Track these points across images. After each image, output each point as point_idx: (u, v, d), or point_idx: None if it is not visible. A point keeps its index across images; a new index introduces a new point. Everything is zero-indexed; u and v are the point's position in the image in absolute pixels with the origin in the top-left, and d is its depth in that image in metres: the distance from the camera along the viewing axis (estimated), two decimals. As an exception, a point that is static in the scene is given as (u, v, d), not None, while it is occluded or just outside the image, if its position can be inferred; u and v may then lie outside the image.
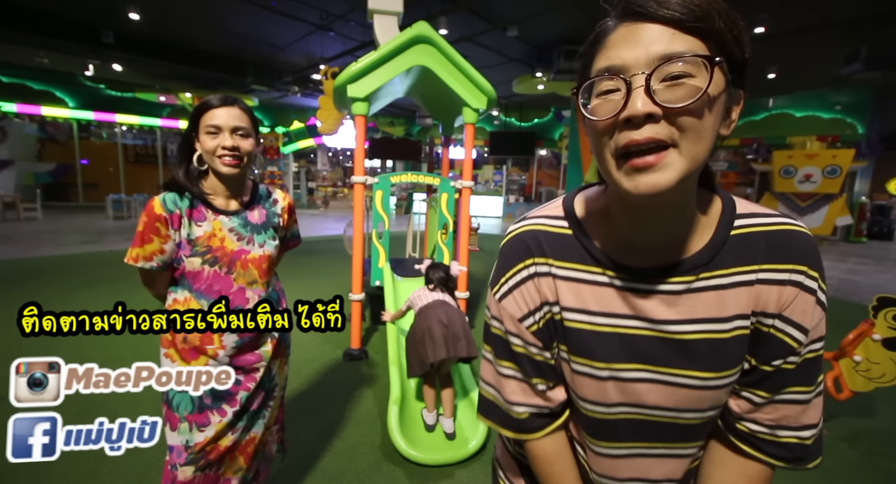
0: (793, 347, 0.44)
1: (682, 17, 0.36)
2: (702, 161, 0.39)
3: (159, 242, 1.02)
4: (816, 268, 0.44)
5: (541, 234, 0.51)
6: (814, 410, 0.46)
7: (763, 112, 12.17)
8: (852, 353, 1.98)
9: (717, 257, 0.44)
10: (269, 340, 1.15)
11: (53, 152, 11.99)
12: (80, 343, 3.14)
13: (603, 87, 0.39)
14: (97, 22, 7.54)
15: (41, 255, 5.67)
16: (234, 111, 1.04)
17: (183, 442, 1.06)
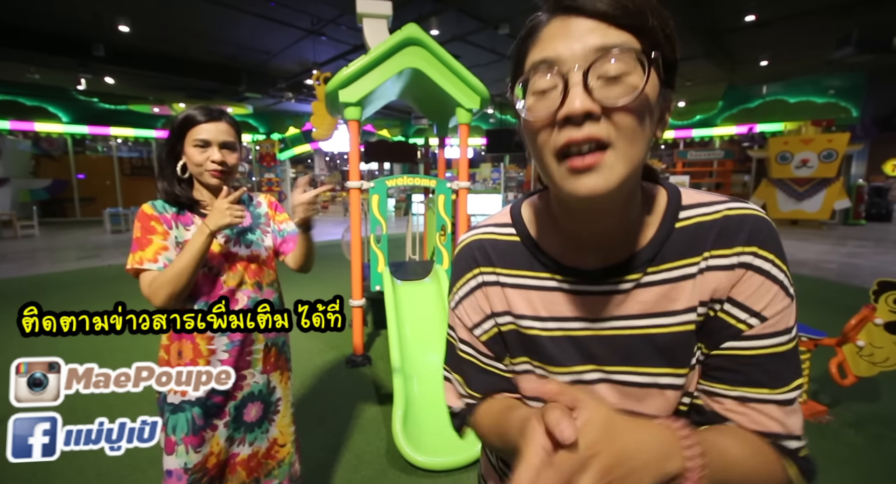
0: (738, 329, 0.41)
1: (615, 12, 0.36)
2: (639, 162, 0.39)
3: (160, 238, 1.01)
4: (770, 249, 0.41)
5: (487, 243, 0.51)
6: (794, 417, 0.42)
7: (757, 99, 12.16)
8: (855, 338, 1.98)
9: (662, 251, 0.43)
10: (262, 349, 1.14)
11: (49, 168, 11.97)
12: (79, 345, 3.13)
13: (539, 86, 0.38)
14: (87, 36, 7.52)
15: (39, 272, 5.66)
16: (221, 126, 1.05)
17: (181, 465, 1.06)
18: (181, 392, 1.03)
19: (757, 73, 10.14)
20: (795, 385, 0.42)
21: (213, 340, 1.06)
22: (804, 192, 11.06)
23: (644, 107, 0.37)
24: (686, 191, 0.46)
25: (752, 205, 0.43)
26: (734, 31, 7.20)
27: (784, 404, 0.41)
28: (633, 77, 0.36)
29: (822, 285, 4.88)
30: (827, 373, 2.09)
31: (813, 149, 10.69)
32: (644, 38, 0.37)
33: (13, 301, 4.39)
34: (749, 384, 0.41)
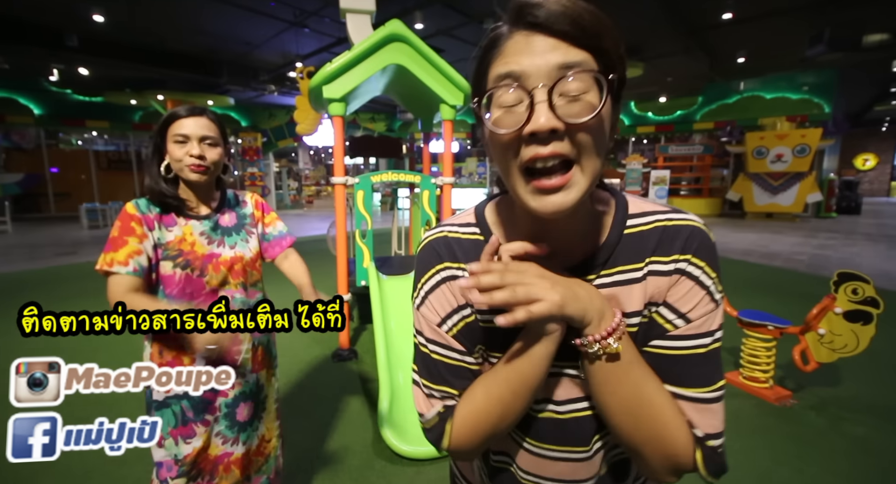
0: (664, 329, 0.45)
1: (574, 32, 0.38)
2: (598, 174, 0.42)
3: (136, 241, 1.00)
4: (702, 257, 0.45)
5: (452, 241, 0.52)
6: (712, 417, 0.44)
7: (735, 95, 12.44)
8: (817, 326, 2.10)
9: (613, 256, 0.47)
10: (250, 349, 1.16)
11: (20, 162, 11.53)
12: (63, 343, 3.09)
13: (504, 100, 0.40)
14: (60, 25, 7.24)
15: (14, 270, 5.50)
16: (201, 121, 1.05)
17: (172, 456, 1.08)
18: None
19: (735, 70, 10.37)
20: (714, 387, 0.44)
21: None
22: (779, 186, 11.41)
23: (601, 124, 0.40)
24: (633, 200, 0.49)
25: (691, 216, 0.47)
26: (712, 28, 7.35)
27: (698, 402, 0.44)
28: (591, 95, 0.38)
29: (793, 276, 5.09)
30: (792, 360, 2.22)
31: (787, 144, 11.02)
32: (600, 58, 0.39)
33: (-9, 298, 4.18)
34: (668, 381, 0.45)
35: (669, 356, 0.45)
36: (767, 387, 2.35)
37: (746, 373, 2.42)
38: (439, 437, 0.50)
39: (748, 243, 7.50)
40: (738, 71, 10.55)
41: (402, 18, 2.43)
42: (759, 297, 4.24)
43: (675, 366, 0.45)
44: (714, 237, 0.47)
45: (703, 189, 13.26)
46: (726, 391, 0.47)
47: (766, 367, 2.35)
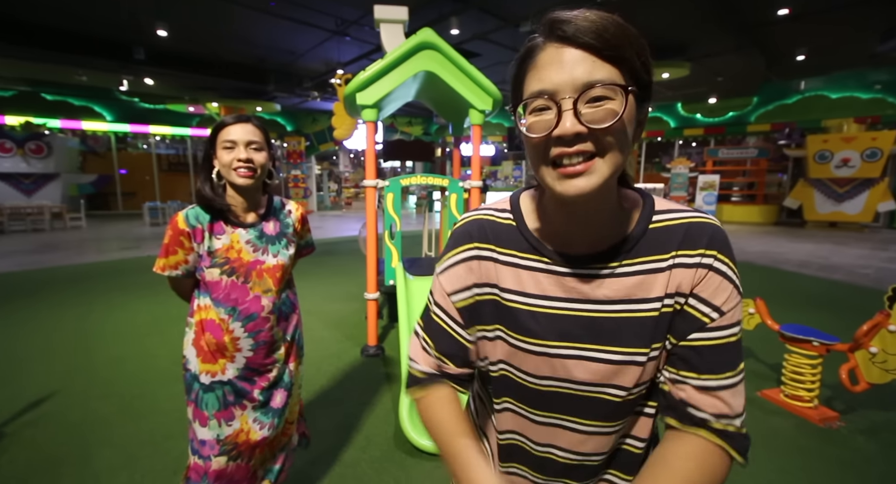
0: (703, 322, 0.49)
1: (599, 45, 0.43)
2: (621, 167, 0.47)
3: (183, 253, 1.13)
4: (726, 254, 0.50)
5: (486, 224, 0.58)
6: (740, 398, 0.49)
7: (795, 95, 11.59)
8: (868, 344, 1.94)
9: (637, 247, 0.51)
10: (283, 345, 1.27)
11: (94, 164, 12.76)
12: (123, 339, 3.36)
13: (536, 106, 0.46)
14: (129, 40, 7.98)
15: (86, 261, 6.10)
16: (247, 127, 1.12)
17: (214, 436, 1.18)
18: (212, 373, 1.16)
19: (795, 68, 9.66)
20: (741, 368, 0.50)
21: (240, 341, 1.16)
22: (844, 193, 10.51)
23: (622, 126, 0.45)
24: (659, 200, 0.54)
25: (712, 216, 0.51)
26: (767, 24, 6.91)
27: (733, 387, 0.49)
28: (613, 103, 0.44)
29: (854, 291, 4.68)
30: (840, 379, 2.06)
31: (855, 147, 10.14)
32: (623, 67, 0.44)
33: (64, 286, 4.82)
34: (710, 371, 0.49)
35: (710, 346, 0.49)
36: (812, 407, 2.20)
37: (789, 391, 2.27)
38: (416, 389, 0.60)
39: (805, 254, 6.97)
40: (798, 69, 9.81)
41: (438, 24, 2.50)
42: (811, 312, 3.94)
43: (714, 355, 0.49)
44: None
45: (758, 195, 12.43)
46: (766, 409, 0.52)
47: (811, 385, 2.19)
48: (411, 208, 14.95)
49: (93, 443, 1.94)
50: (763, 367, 2.80)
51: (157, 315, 3.71)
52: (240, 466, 1.22)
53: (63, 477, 1.73)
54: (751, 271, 5.77)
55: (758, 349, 3.08)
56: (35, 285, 4.64)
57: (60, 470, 1.77)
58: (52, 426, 2.08)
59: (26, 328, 3.40)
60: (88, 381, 2.55)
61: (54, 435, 2.00)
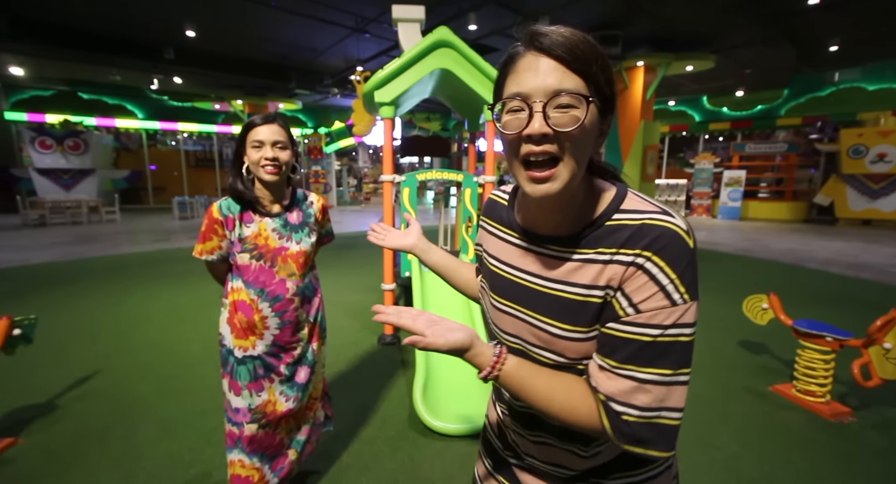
0: (617, 313, 0.53)
1: (569, 58, 0.50)
2: (580, 171, 0.53)
3: (217, 240, 1.27)
4: (664, 257, 0.50)
5: (492, 202, 0.74)
6: (644, 396, 0.50)
7: (829, 87, 11.12)
8: (882, 340, 1.94)
9: (588, 238, 0.57)
10: (307, 325, 1.39)
11: (127, 160, 13.35)
12: (158, 325, 3.59)
13: (511, 106, 0.53)
14: (160, 41, 8.32)
15: (121, 252, 6.44)
16: (273, 128, 1.24)
17: (246, 405, 1.31)
18: (244, 348, 1.29)
19: (828, 59, 9.27)
20: (654, 370, 0.50)
21: (268, 320, 1.29)
22: (880, 190, 10.07)
23: (583, 133, 0.51)
24: (632, 197, 0.57)
25: (676, 220, 0.52)
26: (796, 14, 6.68)
27: (632, 380, 0.51)
28: (577, 111, 0.50)
29: (881, 289, 4.54)
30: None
31: (892, 142, 9.70)
32: (589, 80, 0.51)
33: (101, 275, 5.14)
34: (609, 356, 0.53)
35: (617, 337, 0.53)
36: (824, 402, 2.20)
37: (801, 386, 2.27)
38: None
39: (834, 252, 6.76)
40: (831, 60, 9.42)
41: (456, 20, 2.57)
42: (831, 309, 3.86)
43: (620, 347, 0.52)
44: (693, 243, 0.51)
45: (787, 192, 12.00)
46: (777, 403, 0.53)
47: (824, 380, 2.19)
48: (429, 204, 15.06)
49: (135, 416, 2.12)
50: (776, 362, 2.79)
51: (188, 303, 3.93)
52: (268, 434, 1.36)
53: (110, 445, 1.90)
54: (773, 269, 5.64)
55: (771, 345, 3.06)
56: (75, 274, 4.96)
57: (107, 439, 1.95)
58: (98, 401, 2.27)
59: (69, 314, 3.66)
60: (128, 362, 2.76)
61: (100, 409, 2.20)
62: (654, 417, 0.51)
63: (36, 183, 10.21)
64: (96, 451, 1.86)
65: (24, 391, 2.36)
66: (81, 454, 1.84)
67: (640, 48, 8.19)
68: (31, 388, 2.40)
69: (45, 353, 2.84)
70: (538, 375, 0.57)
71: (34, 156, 10.16)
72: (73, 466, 1.76)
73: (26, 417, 2.11)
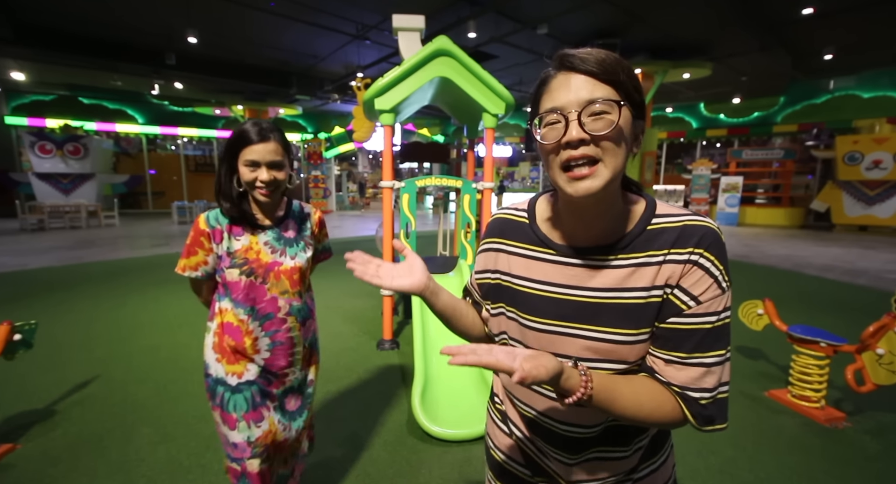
0: (680, 308, 0.56)
1: (597, 71, 0.54)
2: (620, 170, 0.56)
3: (203, 254, 1.16)
4: (712, 252, 0.56)
5: (505, 222, 0.72)
6: (711, 377, 0.56)
7: (824, 94, 11.24)
8: (875, 345, 1.96)
9: (633, 244, 0.59)
10: (302, 350, 1.25)
11: (126, 165, 13.39)
12: (157, 330, 3.58)
13: (549, 120, 0.57)
14: (161, 46, 8.39)
15: (120, 257, 6.44)
16: (270, 146, 1.09)
17: (245, 438, 1.16)
18: (238, 373, 1.16)
19: (823, 67, 9.38)
20: (715, 353, 0.56)
21: (258, 342, 1.17)
22: (875, 196, 10.15)
23: (619, 135, 0.54)
24: (661, 204, 0.62)
25: (708, 220, 0.58)
26: (791, 23, 6.78)
27: (701, 366, 0.56)
28: (611, 115, 0.54)
29: (877, 295, 4.57)
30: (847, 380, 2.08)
31: (888, 149, 9.79)
32: (619, 88, 0.55)
33: (100, 280, 5.13)
34: (677, 349, 0.57)
35: (682, 330, 0.57)
36: (818, 407, 2.22)
37: (796, 391, 2.29)
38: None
39: (830, 258, 6.80)
40: (826, 68, 9.53)
41: (456, 28, 2.60)
42: (827, 315, 3.89)
43: (686, 338, 0.57)
44: (724, 238, 0.58)
45: (783, 198, 12.09)
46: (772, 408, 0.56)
47: (818, 386, 2.21)
48: (427, 209, 15.11)
49: (133, 421, 2.13)
50: (771, 367, 2.81)
51: (187, 308, 3.94)
52: (269, 469, 1.23)
53: (109, 450, 1.91)
54: (770, 274, 5.67)
55: (766, 350, 3.08)
56: (74, 279, 4.96)
57: (106, 444, 1.95)
58: (97, 406, 2.28)
59: (67, 319, 3.67)
60: (126, 367, 2.76)
61: (99, 414, 2.20)
62: (718, 395, 0.57)
63: (35, 187, 10.23)
64: (95, 456, 1.86)
65: (23, 397, 2.36)
66: (81, 460, 1.84)
67: (637, 56, 8.28)
68: (30, 393, 2.40)
69: (44, 358, 2.85)
70: (618, 383, 0.56)
71: (34, 160, 10.18)
72: (72, 471, 1.77)
73: (26, 422, 2.12)
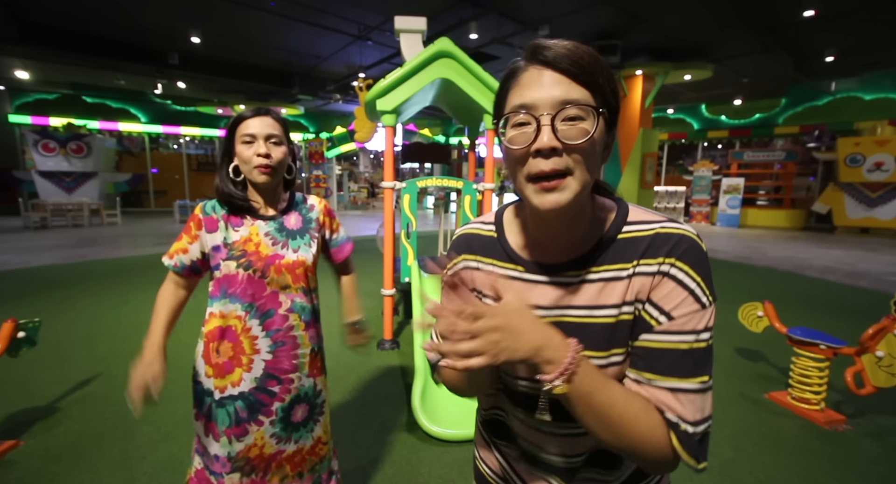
0: (650, 324, 0.50)
1: (574, 70, 0.47)
2: (589, 183, 0.50)
3: (187, 240, 1.08)
4: (686, 261, 0.50)
5: (472, 237, 0.64)
6: (691, 407, 0.47)
7: (826, 96, 11.23)
8: (874, 348, 1.96)
9: (604, 255, 0.53)
10: (307, 354, 1.16)
11: (129, 163, 13.43)
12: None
13: (517, 120, 0.49)
14: (165, 46, 8.42)
15: (122, 255, 6.47)
16: (266, 120, 1.06)
17: (225, 454, 1.09)
18: (221, 388, 1.09)
19: (824, 69, 9.38)
20: (694, 379, 0.48)
21: (257, 341, 1.08)
22: (877, 198, 10.14)
23: (592, 146, 0.48)
24: (634, 209, 0.56)
25: (686, 226, 0.52)
26: (792, 25, 6.78)
27: (678, 391, 0.48)
28: (585, 123, 0.48)
29: (878, 298, 4.57)
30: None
31: (889, 151, 9.78)
32: (595, 92, 0.48)
33: (102, 278, 5.15)
34: (649, 370, 0.50)
35: (654, 349, 0.50)
36: (818, 409, 2.22)
37: (796, 393, 2.30)
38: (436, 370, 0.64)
39: (831, 260, 6.79)
40: (828, 70, 9.53)
41: (457, 29, 2.61)
42: (827, 317, 3.88)
43: (658, 358, 0.49)
44: (705, 247, 0.51)
45: (784, 199, 12.08)
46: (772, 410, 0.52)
47: (818, 388, 2.22)
48: (428, 209, 15.12)
49: (134, 420, 2.14)
50: (771, 369, 2.81)
51: (188, 307, 3.92)
52: (254, 482, 1.13)
53: (111, 447, 1.92)
54: (771, 276, 5.67)
55: (766, 352, 3.08)
56: (76, 277, 4.98)
57: (108, 441, 1.96)
58: (98, 404, 2.29)
59: (70, 317, 3.68)
60: (128, 365, 2.75)
61: (101, 411, 2.22)
62: (701, 430, 0.48)
63: (38, 185, 10.26)
64: (97, 453, 1.88)
65: (26, 394, 2.38)
66: (82, 456, 1.85)
67: (638, 57, 8.29)
68: (32, 390, 2.42)
69: (46, 355, 2.86)
70: (615, 385, 0.48)
71: (37, 158, 10.22)
72: (74, 468, 1.78)
73: (28, 419, 2.13)
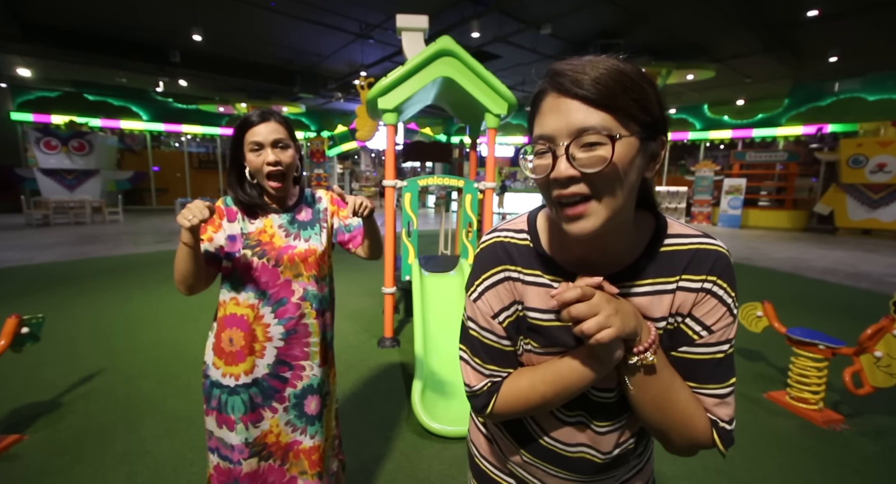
0: (692, 338, 0.55)
1: (592, 97, 0.47)
2: (620, 206, 0.50)
3: (212, 229, 1.13)
4: (725, 279, 0.54)
5: (509, 245, 0.62)
6: (727, 409, 0.55)
7: (829, 97, 11.20)
8: (873, 348, 1.97)
9: (647, 269, 0.55)
10: (319, 343, 1.19)
11: (130, 161, 13.45)
12: (161, 324, 3.62)
13: (538, 149, 0.51)
14: (166, 44, 8.44)
15: (124, 253, 6.49)
16: (271, 125, 1.10)
17: (243, 440, 1.12)
18: (235, 375, 1.11)
19: (828, 70, 9.36)
20: (727, 383, 0.55)
21: (270, 329, 1.12)
22: (879, 200, 10.12)
23: (614, 171, 0.48)
24: (672, 223, 0.58)
25: (719, 242, 0.56)
26: (796, 26, 6.76)
27: (716, 397, 0.55)
28: (603, 150, 0.47)
29: (878, 299, 4.57)
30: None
31: (892, 152, 9.75)
32: (617, 113, 0.47)
33: (104, 276, 5.18)
34: (690, 379, 0.55)
35: (695, 360, 0.55)
36: (817, 409, 2.23)
37: (794, 393, 2.30)
38: (485, 405, 0.61)
39: (833, 262, 6.79)
40: (831, 71, 9.51)
41: (459, 27, 2.62)
42: (828, 318, 3.89)
43: (698, 368, 0.55)
44: (733, 260, 0.56)
45: (786, 200, 12.05)
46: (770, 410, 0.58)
47: (817, 388, 2.22)
48: (429, 208, 15.13)
49: (138, 414, 2.16)
50: (770, 369, 2.82)
51: (190, 304, 3.97)
52: (272, 467, 1.16)
53: (114, 442, 1.94)
54: (772, 277, 5.67)
55: (765, 352, 3.09)
56: (79, 274, 5.01)
57: (112, 436, 1.98)
58: (102, 399, 2.31)
59: (72, 313, 3.70)
60: (131, 361, 2.80)
61: (104, 406, 2.23)
62: (732, 428, 0.56)
63: (40, 183, 10.29)
64: (101, 448, 1.90)
65: (30, 389, 2.40)
66: (86, 451, 1.87)
67: (641, 57, 8.27)
68: (36, 385, 2.44)
69: (49, 351, 2.88)
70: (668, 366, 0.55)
71: (39, 156, 10.24)
72: (77, 462, 1.80)
73: (32, 413, 2.15)
